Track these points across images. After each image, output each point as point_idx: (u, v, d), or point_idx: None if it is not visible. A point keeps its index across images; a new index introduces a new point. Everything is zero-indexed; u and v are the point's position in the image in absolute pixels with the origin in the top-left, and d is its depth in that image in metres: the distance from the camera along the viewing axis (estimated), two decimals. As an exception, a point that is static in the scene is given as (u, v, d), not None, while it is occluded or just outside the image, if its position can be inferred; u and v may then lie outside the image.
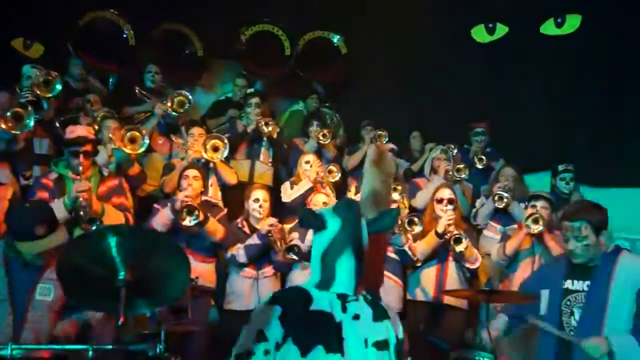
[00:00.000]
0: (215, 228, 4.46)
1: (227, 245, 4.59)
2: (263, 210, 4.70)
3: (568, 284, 3.16)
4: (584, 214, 3.14)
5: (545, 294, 3.22)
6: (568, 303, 3.14)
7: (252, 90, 6.74)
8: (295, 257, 4.50)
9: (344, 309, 1.98)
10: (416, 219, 4.71)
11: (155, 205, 4.61)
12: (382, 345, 1.96)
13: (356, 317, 1.97)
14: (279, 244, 4.58)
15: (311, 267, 2.22)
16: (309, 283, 2.15)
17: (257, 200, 4.74)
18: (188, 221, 4.30)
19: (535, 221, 4.45)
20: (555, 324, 3.12)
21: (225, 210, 4.83)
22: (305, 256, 4.53)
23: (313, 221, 2.20)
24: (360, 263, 2.13)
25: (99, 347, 2.47)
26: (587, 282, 3.12)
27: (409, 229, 4.65)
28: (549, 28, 7.07)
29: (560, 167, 5.84)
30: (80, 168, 4.07)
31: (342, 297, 2.04)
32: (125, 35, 6.61)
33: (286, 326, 1.92)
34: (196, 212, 4.32)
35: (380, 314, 2.03)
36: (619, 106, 6.64)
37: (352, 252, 2.12)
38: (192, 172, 4.65)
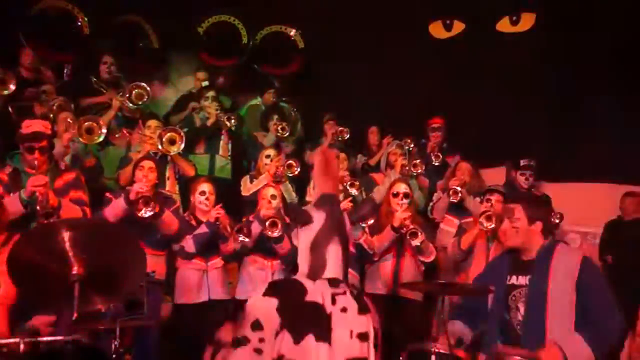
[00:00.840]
0: (171, 220, 4.43)
1: (178, 238, 4.56)
2: (209, 202, 4.69)
3: (513, 279, 3.18)
4: (521, 199, 3.27)
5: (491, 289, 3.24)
6: (513, 298, 3.14)
7: (206, 83, 6.69)
8: (245, 238, 4.53)
9: (334, 302, 2.16)
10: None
11: (108, 195, 4.54)
12: (364, 336, 2.17)
13: (344, 309, 2.17)
14: (228, 229, 4.58)
15: (299, 260, 2.44)
16: (299, 274, 2.37)
17: (203, 192, 4.73)
18: (143, 212, 4.25)
19: (488, 218, 4.54)
20: (500, 319, 3.13)
21: (179, 203, 4.79)
22: (254, 241, 4.63)
23: (302, 217, 2.46)
24: (346, 249, 2.39)
25: (52, 339, 2.41)
26: (525, 276, 3.13)
27: (360, 221, 4.69)
28: (504, 26, 7.24)
29: (522, 162, 6.02)
30: (36, 163, 3.99)
31: (334, 284, 2.25)
32: (79, 24, 6.43)
33: (283, 316, 2.09)
34: (152, 204, 4.27)
35: (363, 307, 2.25)
36: (572, 103, 6.85)
37: (338, 240, 2.42)
38: (148, 164, 4.60)
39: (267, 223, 4.56)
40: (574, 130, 6.84)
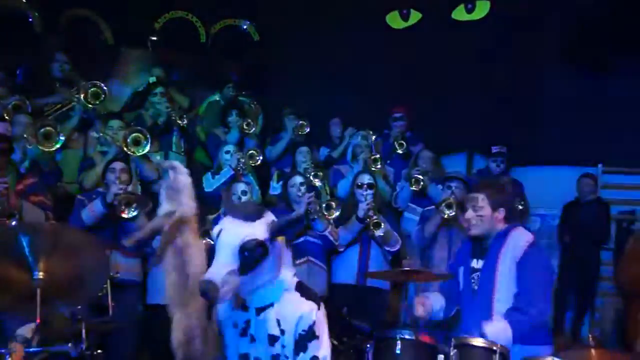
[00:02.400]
0: (145, 221, 4.37)
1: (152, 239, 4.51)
2: None
3: (473, 262, 3.29)
4: (484, 187, 3.29)
5: (461, 272, 3.35)
6: (472, 281, 3.26)
7: (153, 79, 6.56)
8: (211, 241, 4.47)
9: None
10: (333, 204, 4.79)
11: (80, 197, 4.47)
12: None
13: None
14: None
15: None
16: None
17: None
18: (127, 213, 4.22)
19: (449, 206, 4.62)
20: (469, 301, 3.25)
21: (151, 205, 4.72)
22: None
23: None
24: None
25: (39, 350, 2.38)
26: (480, 260, 3.26)
27: (326, 214, 4.72)
28: (459, 14, 7.34)
29: (494, 149, 6.13)
30: None
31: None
32: (31, 22, 6.25)
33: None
34: (135, 204, 4.24)
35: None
36: (527, 89, 7.01)
37: None
38: (120, 165, 4.51)
39: None
40: (532, 115, 7.01)
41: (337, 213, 4.76)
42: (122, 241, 4.17)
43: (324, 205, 4.77)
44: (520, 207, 5.74)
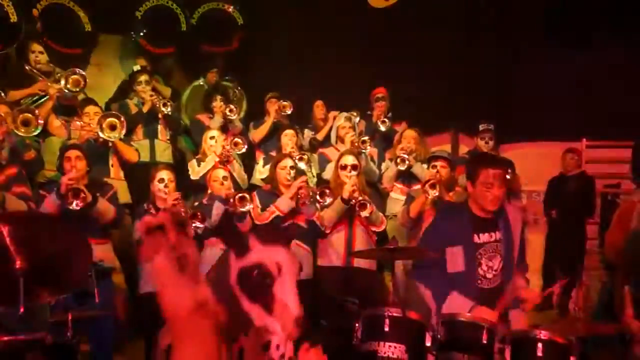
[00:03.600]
0: (105, 208, 4.29)
1: (117, 224, 4.47)
2: (168, 189, 4.60)
3: (475, 238, 3.33)
4: (502, 164, 3.43)
5: (455, 251, 3.33)
6: (478, 256, 3.32)
7: (138, 67, 6.50)
8: (199, 224, 4.47)
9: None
10: (327, 191, 4.77)
11: (41, 192, 4.40)
12: None
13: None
14: (183, 214, 4.51)
15: None
16: None
17: (161, 180, 4.63)
18: (74, 204, 4.10)
19: (433, 186, 4.62)
20: (474, 276, 3.32)
21: (115, 189, 4.67)
22: (216, 223, 4.56)
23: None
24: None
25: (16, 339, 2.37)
26: (491, 233, 3.34)
27: (320, 200, 4.71)
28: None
29: (481, 127, 6.16)
30: None
31: None
32: (5, 11, 6.12)
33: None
34: (82, 195, 4.12)
35: None
36: (508, 65, 7.03)
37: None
38: (74, 153, 4.38)
39: (237, 198, 4.54)
40: (514, 92, 7.03)
41: (330, 200, 4.74)
42: None
43: (318, 191, 4.74)
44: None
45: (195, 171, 5.50)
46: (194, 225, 4.45)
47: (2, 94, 5.42)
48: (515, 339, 3.08)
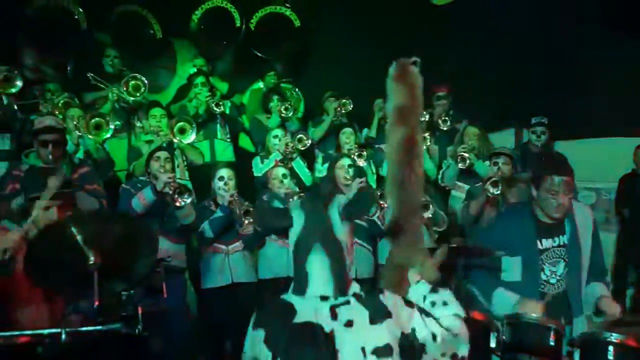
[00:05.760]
0: (190, 210, 4.50)
1: (196, 226, 4.63)
2: (228, 187, 4.70)
3: (538, 244, 3.22)
4: (570, 170, 3.15)
5: (513, 261, 3.23)
6: (540, 262, 3.21)
7: (194, 70, 6.65)
8: (252, 220, 4.54)
9: (334, 316, 1.74)
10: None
11: (125, 186, 4.61)
12: (383, 351, 1.69)
13: (349, 324, 1.71)
14: (238, 211, 4.59)
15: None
16: (290, 289, 1.91)
17: (221, 178, 4.75)
18: (181, 201, 4.33)
19: (494, 184, 4.53)
20: (535, 284, 3.21)
21: (193, 193, 4.86)
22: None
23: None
24: (335, 259, 1.86)
25: (72, 330, 2.48)
26: (555, 238, 3.21)
27: (381, 201, 4.67)
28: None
29: (533, 120, 5.98)
30: (51, 157, 4.09)
31: (326, 300, 1.81)
32: (76, 19, 6.41)
33: (272, 348, 1.72)
34: (187, 193, 4.36)
35: (378, 313, 1.73)
36: (576, 59, 6.77)
37: (321, 247, 1.85)
38: (164, 154, 4.65)
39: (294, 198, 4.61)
40: (582, 87, 6.77)
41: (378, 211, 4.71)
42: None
43: (378, 192, 4.71)
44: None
45: (258, 168, 5.62)
46: (247, 221, 4.55)
47: (76, 99, 5.66)
48: (585, 342, 2.97)
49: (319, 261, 1.85)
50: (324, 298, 1.81)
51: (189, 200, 4.37)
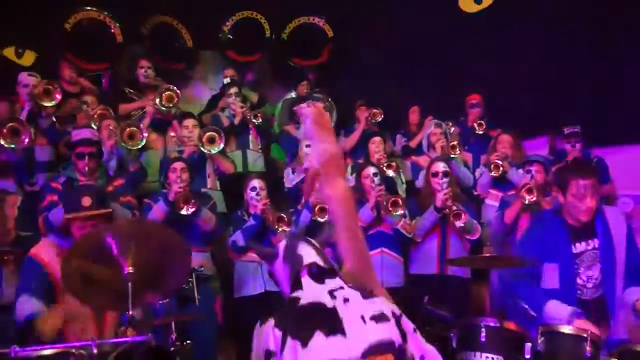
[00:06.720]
0: (209, 217, 4.55)
1: (217, 233, 4.67)
2: (260, 197, 4.75)
3: (572, 248, 3.24)
4: (590, 174, 3.21)
5: (551, 267, 3.24)
6: (575, 267, 3.23)
7: (228, 80, 6.72)
8: (286, 228, 4.57)
9: (332, 297, 1.88)
10: (400, 201, 4.70)
11: (146, 200, 4.69)
12: (379, 317, 1.85)
13: (346, 300, 1.87)
14: (270, 218, 4.63)
15: None
16: None
17: (254, 188, 4.80)
18: (185, 209, 4.40)
19: (529, 191, 4.47)
20: (573, 290, 3.21)
21: (214, 200, 4.91)
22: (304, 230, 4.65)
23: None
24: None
25: (101, 342, 2.51)
26: (588, 241, 3.22)
27: (391, 209, 4.63)
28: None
29: (566, 130, 5.89)
30: (87, 169, 4.19)
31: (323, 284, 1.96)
32: (112, 32, 6.56)
33: (282, 328, 1.83)
34: (192, 201, 4.42)
35: (369, 293, 1.92)
36: (611, 64, 6.64)
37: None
38: (179, 165, 4.72)
39: (316, 209, 4.64)
40: (619, 92, 6.63)
41: (402, 211, 4.68)
42: None
43: (389, 202, 4.67)
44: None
45: (289, 179, 5.64)
46: (281, 229, 4.57)
47: (111, 110, 5.78)
48: (622, 352, 2.90)
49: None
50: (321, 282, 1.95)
51: (193, 209, 4.42)
